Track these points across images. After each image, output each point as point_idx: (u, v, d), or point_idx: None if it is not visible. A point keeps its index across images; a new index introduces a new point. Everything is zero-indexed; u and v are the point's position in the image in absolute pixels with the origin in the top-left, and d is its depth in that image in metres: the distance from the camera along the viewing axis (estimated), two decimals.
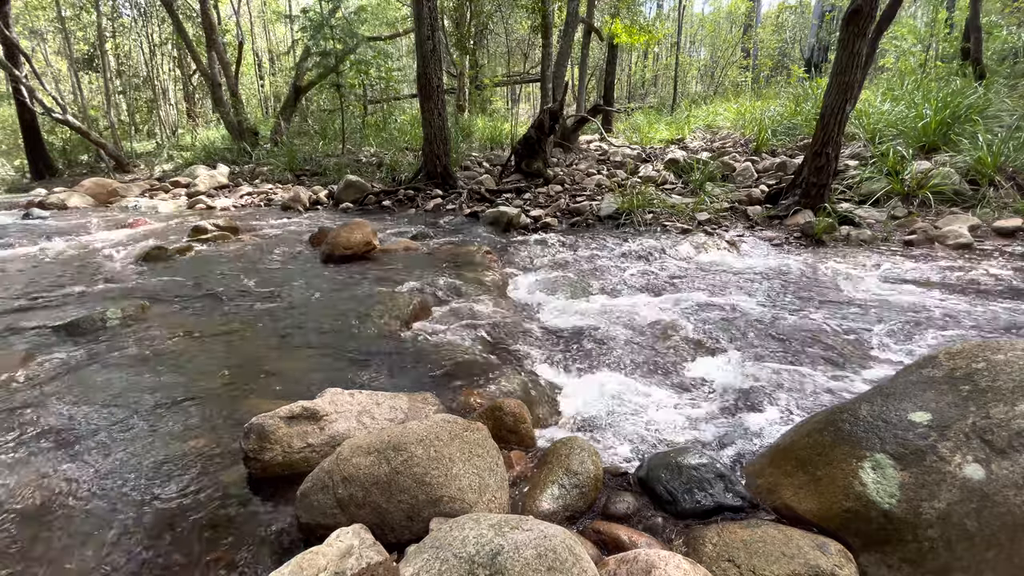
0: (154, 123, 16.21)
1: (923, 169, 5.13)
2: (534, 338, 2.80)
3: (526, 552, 1.01)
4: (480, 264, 4.18)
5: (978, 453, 1.21)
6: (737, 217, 5.44)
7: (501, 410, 1.85)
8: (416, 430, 1.48)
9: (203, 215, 6.95)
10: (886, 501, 1.22)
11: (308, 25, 11.18)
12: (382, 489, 1.36)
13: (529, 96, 19.19)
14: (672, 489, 1.51)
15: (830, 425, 1.45)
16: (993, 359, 1.39)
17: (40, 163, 12.41)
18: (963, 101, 5.76)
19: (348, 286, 3.77)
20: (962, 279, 3.50)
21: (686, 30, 19.72)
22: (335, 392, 1.88)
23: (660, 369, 2.44)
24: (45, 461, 1.80)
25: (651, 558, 1.16)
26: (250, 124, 11.76)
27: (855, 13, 4.49)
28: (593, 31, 11.04)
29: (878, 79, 10.22)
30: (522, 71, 16.71)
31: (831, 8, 11.89)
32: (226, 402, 2.16)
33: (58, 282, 3.90)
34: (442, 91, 7.39)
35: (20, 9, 15.30)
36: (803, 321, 2.93)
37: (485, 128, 11.30)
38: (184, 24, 11.83)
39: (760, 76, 15.14)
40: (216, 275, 4.02)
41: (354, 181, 7.61)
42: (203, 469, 1.74)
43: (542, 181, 7.35)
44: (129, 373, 2.45)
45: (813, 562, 1.18)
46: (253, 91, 18.13)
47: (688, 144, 8.99)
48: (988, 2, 9.73)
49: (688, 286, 3.61)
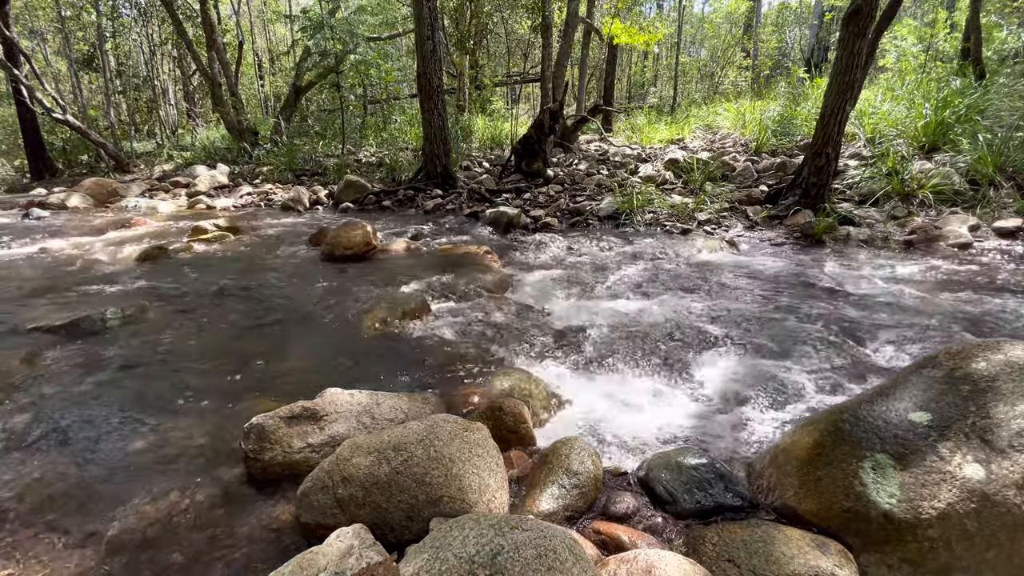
0: (154, 123, 16.20)
1: (923, 169, 5.13)
2: (534, 338, 2.80)
3: (526, 552, 1.01)
4: (480, 264, 4.18)
5: (978, 453, 1.21)
6: (737, 217, 5.44)
7: (501, 410, 1.85)
8: (416, 430, 1.48)
9: (203, 215, 6.95)
10: (886, 501, 1.22)
11: (308, 25, 11.17)
12: (382, 489, 1.36)
13: (529, 96, 19.18)
14: (672, 489, 1.51)
15: (830, 425, 1.45)
16: (993, 359, 1.39)
17: (40, 163, 12.40)
18: (963, 101, 5.75)
19: (348, 286, 3.77)
20: (962, 279, 3.50)
21: (686, 30, 19.72)
22: (335, 392, 1.88)
23: (660, 369, 2.44)
24: (45, 461, 1.80)
25: (651, 558, 1.16)
26: (250, 124, 11.76)
27: (855, 13, 4.49)
28: (593, 31, 11.03)
29: (878, 79, 10.22)
30: (522, 71, 16.71)
31: (831, 8, 11.89)
32: (226, 402, 2.16)
33: (58, 282, 3.90)
34: (442, 91, 7.38)
35: (20, 9, 15.30)
36: (803, 321, 2.93)
37: (485, 128, 11.29)
38: (184, 24, 11.82)
39: (760, 76, 15.14)
40: (216, 275, 4.02)
41: (354, 181, 7.61)
42: (203, 469, 1.74)
43: (542, 181, 7.35)
44: (129, 373, 2.45)
45: (813, 562, 1.18)
46: (253, 91, 18.12)
47: (688, 144, 8.99)
48: (988, 2, 9.73)
49: (688, 286, 3.61)
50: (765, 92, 12.05)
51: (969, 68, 7.11)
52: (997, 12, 9.74)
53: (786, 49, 16.12)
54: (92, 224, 6.27)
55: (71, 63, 14.67)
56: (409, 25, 13.09)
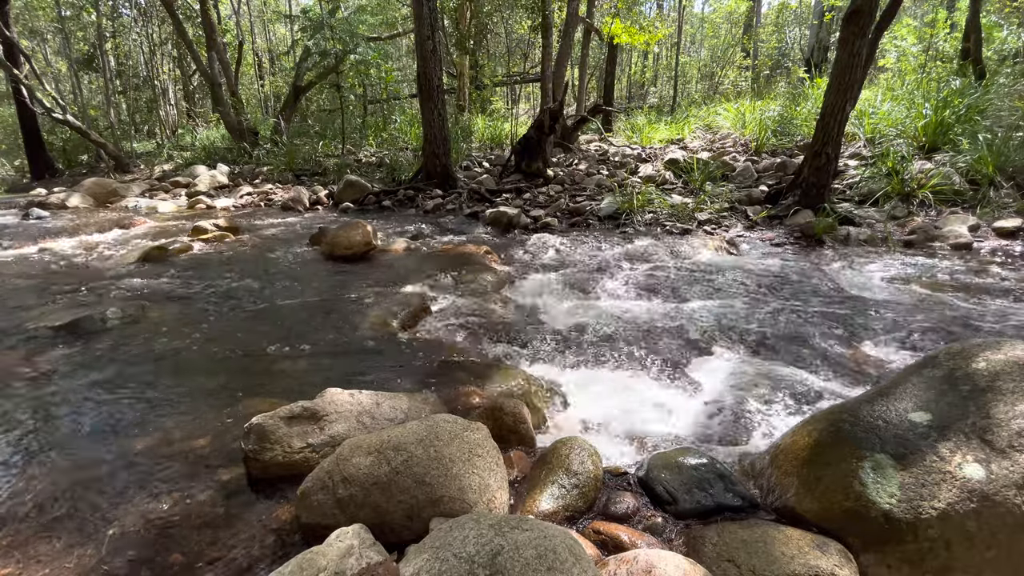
0: (154, 123, 16.20)
1: (923, 169, 5.13)
2: (534, 338, 2.80)
3: (526, 552, 1.01)
4: (480, 264, 4.18)
5: (978, 453, 1.21)
6: (737, 217, 5.44)
7: (501, 410, 1.85)
8: (416, 430, 1.48)
9: (203, 215, 6.95)
10: (886, 501, 1.22)
11: (308, 25, 11.17)
12: (382, 489, 1.36)
13: (529, 96, 19.17)
14: (672, 489, 1.51)
15: (830, 425, 1.45)
16: (993, 359, 1.39)
17: (40, 163, 12.40)
18: (963, 101, 5.75)
19: (348, 286, 3.77)
20: (962, 279, 3.50)
21: (686, 30, 19.71)
22: (335, 392, 1.88)
23: (660, 369, 2.44)
24: (45, 461, 1.80)
25: (651, 558, 1.16)
26: (250, 124, 11.75)
27: (855, 13, 4.49)
28: (593, 31, 11.03)
29: (878, 79, 10.22)
30: (522, 71, 16.69)
31: (831, 8, 11.89)
32: (226, 402, 2.16)
33: (58, 282, 3.90)
34: (442, 91, 7.38)
35: (20, 9, 15.30)
36: (803, 321, 2.93)
37: (485, 128, 11.29)
38: (184, 24, 11.81)
39: (760, 76, 15.13)
40: (216, 275, 4.02)
41: (354, 181, 7.61)
42: (203, 469, 1.74)
43: (542, 181, 7.35)
44: (129, 373, 2.45)
45: (813, 562, 1.18)
46: (253, 91, 18.12)
47: (688, 144, 8.99)
48: (988, 2, 9.73)
49: (688, 286, 3.61)
50: (765, 92, 12.05)
51: (969, 68, 7.11)
52: (997, 12, 9.74)
53: (786, 49, 16.10)
54: (92, 224, 6.27)
55: (71, 63, 14.67)
56: (409, 25, 13.08)
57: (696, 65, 19.05)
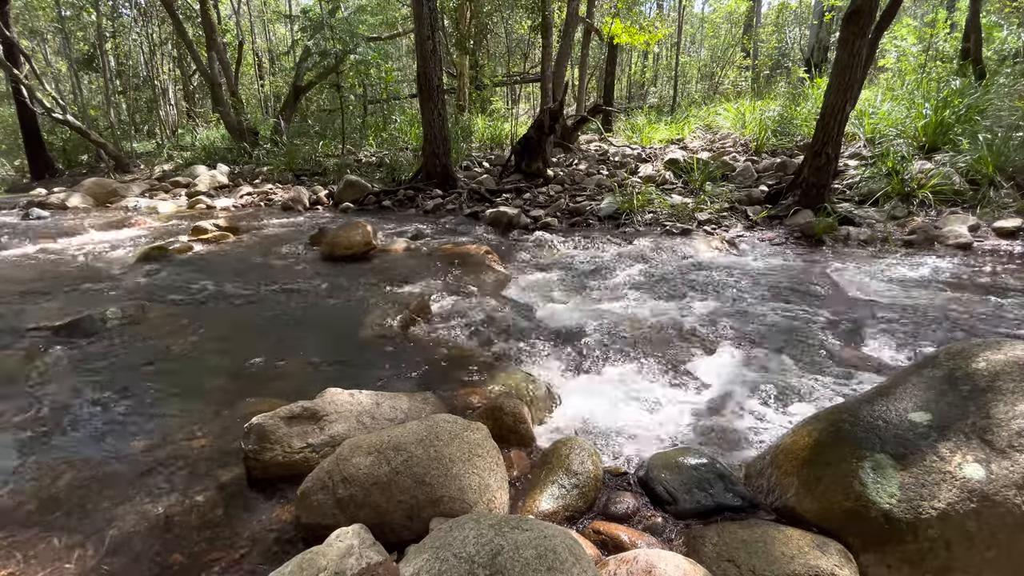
0: (154, 123, 16.19)
1: (923, 169, 5.13)
2: (534, 338, 2.80)
3: (526, 552, 1.01)
4: (480, 264, 4.18)
5: (978, 453, 1.21)
6: (737, 217, 5.44)
7: (501, 410, 1.85)
8: (416, 430, 1.48)
9: (203, 215, 6.95)
10: (886, 501, 1.22)
11: (308, 25, 11.16)
12: (382, 489, 1.36)
13: (529, 96, 19.16)
14: (672, 489, 1.51)
15: (830, 425, 1.45)
16: (993, 359, 1.39)
17: (40, 163, 12.40)
18: (963, 101, 5.75)
19: (348, 286, 3.77)
20: (962, 279, 3.50)
21: (686, 30, 19.71)
22: (335, 392, 1.88)
23: (660, 369, 2.44)
24: (45, 461, 1.80)
25: (651, 558, 1.16)
26: (250, 124, 11.75)
27: (855, 13, 4.49)
28: (593, 31, 11.03)
29: (878, 79, 10.22)
30: (522, 71, 16.69)
31: (831, 8, 11.88)
32: (226, 402, 2.16)
33: (58, 282, 3.90)
34: (442, 91, 7.38)
35: (20, 9, 15.29)
36: (803, 321, 2.93)
37: (485, 128, 11.29)
38: (184, 24, 11.81)
39: (760, 76, 15.13)
40: (216, 275, 4.02)
41: (354, 181, 7.61)
42: (203, 469, 1.74)
43: (542, 181, 7.35)
44: (129, 373, 2.45)
45: (813, 562, 1.18)
46: (253, 91, 18.11)
47: (688, 144, 8.98)
48: (988, 2, 9.73)
49: (688, 286, 3.61)
50: (765, 92, 12.05)
51: (969, 68, 7.11)
52: (997, 12, 9.74)
53: (786, 49, 16.10)
54: (92, 224, 6.27)
55: (71, 63, 14.67)
56: (409, 25, 13.08)
57: (696, 65, 19.05)
